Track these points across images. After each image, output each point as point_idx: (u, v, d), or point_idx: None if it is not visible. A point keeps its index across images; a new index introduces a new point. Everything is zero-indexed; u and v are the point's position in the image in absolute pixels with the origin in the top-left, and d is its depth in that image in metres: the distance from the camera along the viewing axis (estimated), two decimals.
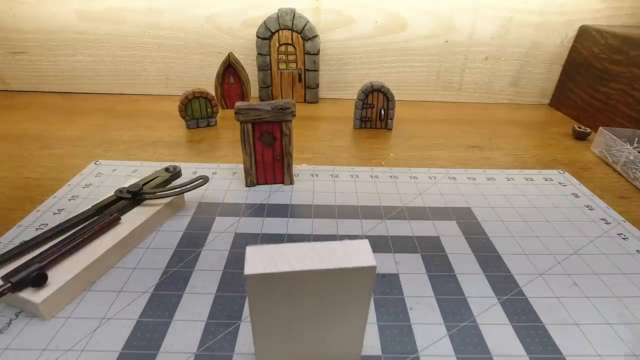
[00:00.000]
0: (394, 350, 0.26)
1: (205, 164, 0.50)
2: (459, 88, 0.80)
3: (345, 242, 0.20)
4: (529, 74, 0.79)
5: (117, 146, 0.55)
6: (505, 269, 0.34)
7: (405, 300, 0.30)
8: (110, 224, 0.34)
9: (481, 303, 0.30)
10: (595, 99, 0.68)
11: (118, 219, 0.35)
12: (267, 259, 0.19)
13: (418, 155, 0.55)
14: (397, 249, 0.36)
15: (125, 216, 0.36)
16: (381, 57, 0.76)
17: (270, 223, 0.39)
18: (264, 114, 0.40)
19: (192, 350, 0.26)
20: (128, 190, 0.37)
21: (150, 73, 0.77)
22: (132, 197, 0.37)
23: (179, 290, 0.30)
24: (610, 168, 0.53)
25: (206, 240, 0.36)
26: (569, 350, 0.27)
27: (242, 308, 0.29)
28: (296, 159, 0.48)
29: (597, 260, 0.35)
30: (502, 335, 0.27)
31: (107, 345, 0.26)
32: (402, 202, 0.43)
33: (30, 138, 0.57)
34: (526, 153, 0.57)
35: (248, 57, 0.75)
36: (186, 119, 0.61)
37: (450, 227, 0.39)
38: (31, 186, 0.45)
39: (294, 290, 0.19)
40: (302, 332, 0.22)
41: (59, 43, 0.74)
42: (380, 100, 0.62)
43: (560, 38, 0.75)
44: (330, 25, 0.73)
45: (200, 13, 0.72)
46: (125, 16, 0.72)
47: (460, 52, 0.76)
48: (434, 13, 0.72)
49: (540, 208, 0.43)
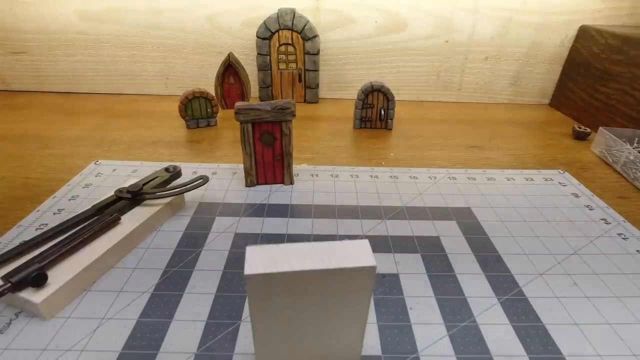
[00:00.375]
0: (394, 350, 0.26)
1: (205, 164, 0.50)
2: (459, 88, 0.80)
3: (345, 242, 0.20)
4: (529, 74, 0.79)
5: (117, 146, 0.55)
6: (505, 269, 0.34)
7: (405, 300, 0.30)
8: (110, 224, 0.34)
9: (481, 303, 0.30)
10: (595, 99, 0.68)
11: (118, 219, 0.35)
12: (267, 259, 0.19)
13: (418, 155, 0.55)
14: (397, 249, 0.36)
15: (125, 216, 0.36)
16: (381, 57, 0.76)
17: (270, 223, 0.39)
18: (264, 114, 0.40)
19: (192, 350, 0.26)
20: (128, 190, 0.37)
21: (150, 73, 0.77)
22: (132, 197, 0.37)
23: (179, 290, 0.30)
24: (610, 168, 0.53)
25: (206, 240, 0.36)
26: (569, 350, 0.27)
27: (242, 308, 0.29)
28: (296, 159, 0.48)
29: (597, 260, 0.35)
30: (502, 335, 0.27)
31: (107, 345, 0.26)
32: (402, 202, 0.43)
33: (30, 138, 0.57)
34: (526, 153, 0.57)
35: (248, 57, 0.75)
36: (186, 119, 0.61)
37: (450, 227, 0.39)
38: (31, 186, 0.45)
39: (294, 290, 0.19)
40: (302, 332, 0.22)
41: (59, 43, 0.74)
42: (380, 100, 0.62)
43: (560, 38, 0.75)
44: (330, 25, 0.73)
45: (200, 13, 0.72)
46: (125, 16, 0.72)
47: (460, 52, 0.76)
48: (434, 13, 0.72)
49: (540, 208, 0.43)
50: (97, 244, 0.32)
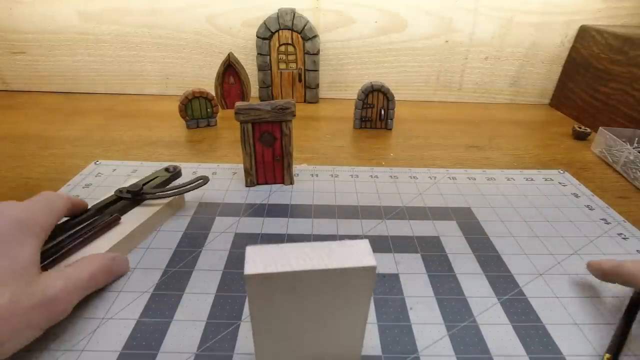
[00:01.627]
0: (394, 350, 0.26)
1: (205, 164, 0.50)
2: (459, 88, 0.80)
3: (345, 242, 0.20)
4: (529, 74, 0.79)
5: (117, 146, 0.55)
6: (505, 269, 0.34)
7: (405, 300, 0.30)
8: (110, 224, 0.34)
9: (481, 303, 0.30)
10: (595, 99, 0.68)
11: (118, 219, 0.34)
12: (267, 259, 0.19)
13: (418, 155, 0.55)
14: (397, 249, 0.36)
15: (126, 216, 0.36)
16: (381, 57, 0.76)
17: (270, 223, 0.39)
18: (264, 114, 0.40)
19: (192, 350, 0.26)
20: (128, 190, 0.37)
21: (150, 73, 0.77)
22: (132, 197, 0.36)
23: (179, 290, 0.30)
24: (610, 168, 0.53)
25: (206, 240, 0.36)
26: (569, 350, 0.27)
27: (242, 308, 0.29)
28: (296, 159, 0.48)
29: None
30: (502, 335, 0.27)
31: (107, 345, 0.26)
32: (402, 202, 0.43)
33: (30, 138, 0.57)
34: (526, 153, 0.57)
35: (248, 57, 0.75)
36: (186, 119, 0.61)
37: (450, 227, 0.39)
38: (31, 186, 0.45)
39: (294, 290, 0.19)
40: (302, 332, 0.22)
41: (59, 43, 0.74)
42: (380, 100, 0.62)
43: (560, 38, 0.75)
44: (330, 25, 0.73)
45: (200, 13, 0.72)
46: (125, 16, 0.72)
47: (460, 52, 0.76)
48: (434, 13, 0.72)
49: (540, 208, 0.43)
50: (97, 244, 0.32)
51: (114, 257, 0.31)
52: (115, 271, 0.31)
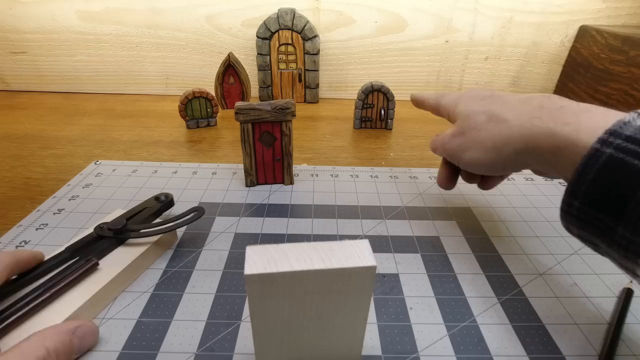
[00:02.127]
0: (394, 350, 0.26)
1: (205, 164, 0.50)
2: (459, 88, 0.80)
3: (345, 242, 0.20)
4: (529, 74, 0.79)
5: (117, 146, 0.55)
6: (505, 269, 0.34)
7: (405, 300, 0.30)
8: (87, 271, 0.28)
9: (481, 303, 0.30)
10: (595, 99, 0.68)
11: (96, 265, 0.29)
12: (267, 259, 0.19)
13: (418, 155, 0.55)
14: (397, 249, 0.36)
15: (106, 259, 0.30)
16: (381, 57, 0.76)
17: (270, 223, 0.39)
18: (264, 114, 0.40)
19: (192, 350, 0.26)
20: (109, 227, 0.32)
21: (150, 73, 0.77)
22: (114, 235, 0.32)
23: (179, 290, 0.30)
24: None
25: (206, 240, 0.36)
26: (569, 350, 0.27)
27: (242, 308, 0.29)
28: (296, 159, 0.48)
29: (597, 260, 0.35)
30: (502, 335, 0.27)
31: (107, 345, 0.26)
32: (402, 202, 0.43)
33: (31, 138, 0.57)
34: None
35: (248, 57, 0.75)
36: (186, 119, 0.61)
37: (450, 227, 0.39)
38: (31, 186, 0.45)
39: (294, 290, 0.19)
40: (302, 332, 0.22)
41: (59, 43, 0.74)
42: (380, 100, 0.62)
43: (560, 38, 0.75)
44: (330, 25, 0.73)
45: (200, 13, 0.72)
46: (125, 16, 0.72)
47: (460, 52, 0.76)
48: (434, 13, 0.72)
49: (540, 208, 0.43)
50: (69, 298, 0.27)
51: (76, 328, 0.24)
52: (78, 348, 0.24)
